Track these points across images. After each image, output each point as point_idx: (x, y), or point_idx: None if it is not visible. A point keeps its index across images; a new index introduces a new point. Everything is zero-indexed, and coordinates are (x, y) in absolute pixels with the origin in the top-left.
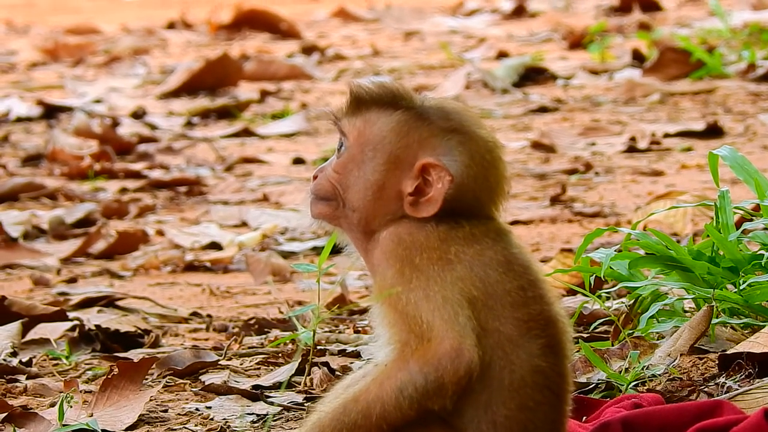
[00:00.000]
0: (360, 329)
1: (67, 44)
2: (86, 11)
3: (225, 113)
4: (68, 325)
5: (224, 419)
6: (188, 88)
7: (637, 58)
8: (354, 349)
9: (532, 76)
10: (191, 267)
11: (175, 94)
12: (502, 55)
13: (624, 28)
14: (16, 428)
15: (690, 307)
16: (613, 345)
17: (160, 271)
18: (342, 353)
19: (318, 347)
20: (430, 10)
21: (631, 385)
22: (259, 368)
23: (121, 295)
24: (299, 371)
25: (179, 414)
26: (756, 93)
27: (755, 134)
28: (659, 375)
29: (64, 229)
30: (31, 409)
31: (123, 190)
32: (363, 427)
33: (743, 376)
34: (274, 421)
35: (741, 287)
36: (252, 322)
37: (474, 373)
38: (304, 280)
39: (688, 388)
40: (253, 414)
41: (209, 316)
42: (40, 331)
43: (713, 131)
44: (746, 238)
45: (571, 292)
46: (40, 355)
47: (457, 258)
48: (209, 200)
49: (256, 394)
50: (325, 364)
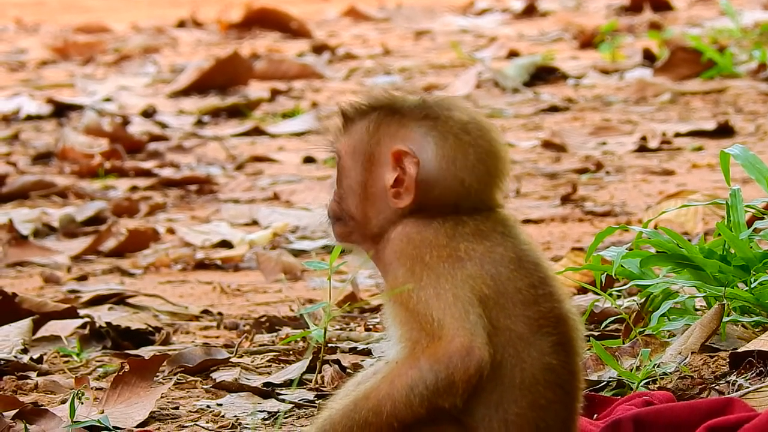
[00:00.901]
0: (371, 327)
1: (77, 43)
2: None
3: (235, 112)
4: (79, 322)
5: (235, 416)
6: (198, 87)
7: (648, 57)
8: (365, 346)
9: (543, 75)
10: (202, 265)
11: (186, 92)
12: (512, 54)
13: (635, 27)
14: (27, 425)
15: (701, 306)
16: (624, 343)
17: (170, 269)
18: (353, 351)
19: (329, 345)
20: (440, 10)
21: (642, 383)
22: (270, 366)
23: (131, 292)
24: (310, 369)
25: (190, 411)
26: (767, 93)
27: (766, 133)
28: (670, 373)
29: (75, 227)
30: (42, 405)
31: (133, 189)
32: (374, 424)
33: (754, 374)
34: (285, 418)
35: (752, 285)
36: (263, 319)
37: (484, 372)
38: (315, 278)
39: (699, 386)
40: (264, 411)
41: (220, 313)
42: (51, 328)
43: (724, 131)
44: (758, 236)
45: (582, 291)
46: (51, 352)
47: (467, 255)
48: (220, 199)
49: (267, 391)
50: (336, 361)
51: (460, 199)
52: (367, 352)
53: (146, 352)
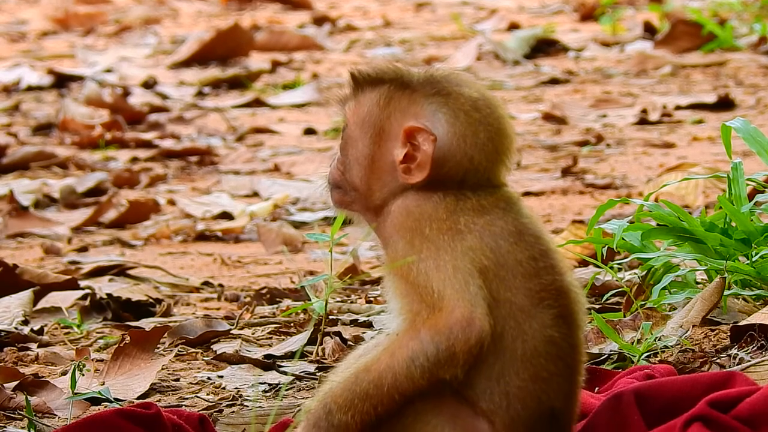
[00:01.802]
0: (372, 299)
1: (77, 14)
2: None
3: (236, 83)
4: (80, 293)
5: (236, 388)
6: (199, 58)
7: (649, 30)
8: (366, 319)
9: (544, 48)
10: (202, 236)
11: (186, 64)
12: (513, 26)
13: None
14: (27, 396)
15: (702, 279)
16: (625, 316)
17: (171, 240)
18: (354, 323)
19: (330, 317)
20: None
21: (643, 357)
22: (270, 338)
23: (132, 264)
24: (311, 341)
25: (191, 383)
26: (767, 66)
27: (767, 107)
28: (671, 346)
29: (75, 198)
30: (42, 377)
31: (134, 160)
32: (375, 396)
33: (755, 348)
34: (286, 390)
35: (753, 259)
36: (264, 291)
37: (485, 342)
38: (315, 250)
39: (700, 360)
40: (264, 383)
41: (221, 285)
42: (52, 299)
43: (724, 104)
44: (759, 210)
45: (583, 263)
46: (52, 324)
47: (467, 228)
48: (220, 170)
49: (268, 363)
50: (337, 333)
51: (468, 176)
52: (368, 324)
53: (147, 323)
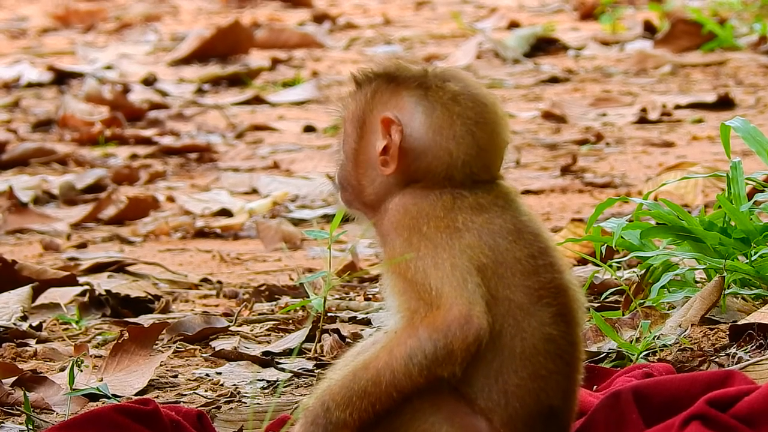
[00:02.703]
0: (370, 296)
1: (78, 10)
2: None
3: (236, 81)
4: (78, 289)
5: (234, 385)
6: (199, 56)
7: (649, 29)
8: (364, 316)
9: (544, 46)
10: (201, 233)
11: (186, 61)
12: (513, 25)
13: None
14: (26, 392)
15: (701, 278)
16: (624, 314)
17: (170, 237)
18: (352, 320)
19: (328, 314)
20: None
21: (641, 355)
22: (269, 335)
23: (131, 260)
24: (310, 338)
25: (189, 379)
26: (767, 65)
27: (766, 106)
28: (670, 345)
29: (75, 195)
30: (41, 373)
31: (133, 156)
32: (373, 394)
33: (754, 347)
34: (285, 387)
35: (752, 258)
36: (262, 288)
37: (483, 340)
38: (314, 247)
39: (699, 358)
40: (263, 380)
41: (219, 282)
42: (51, 295)
43: (724, 103)
44: (758, 209)
45: (582, 262)
46: (50, 320)
47: (465, 226)
48: (220, 167)
49: (266, 360)
50: (336, 331)
51: (451, 170)
52: (367, 322)
53: (145, 320)
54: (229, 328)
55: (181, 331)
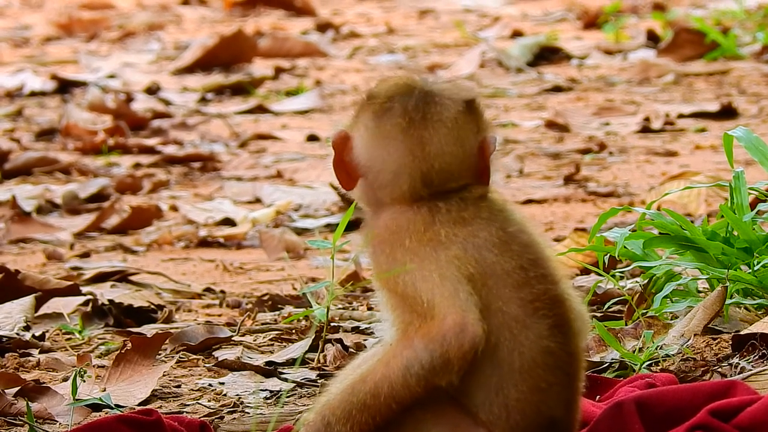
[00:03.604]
0: (373, 306)
1: (81, 19)
2: None
3: (239, 89)
4: (81, 299)
5: (237, 395)
6: (202, 64)
7: (652, 38)
8: (367, 326)
9: (547, 55)
10: (205, 243)
11: (190, 70)
12: (516, 34)
13: (639, 8)
14: (29, 402)
15: (704, 288)
16: (626, 324)
17: (173, 246)
18: (355, 330)
19: (331, 324)
20: None
21: (644, 365)
22: (272, 344)
23: (134, 270)
24: (313, 348)
25: (192, 389)
26: None
27: None
28: (673, 355)
29: (78, 204)
30: (43, 383)
31: (137, 166)
32: (372, 407)
33: (757, 357)
34: (288, 397)
35: (755, 268)
36: (265, 298)
37: (479, 347)
38: (317, 256)
39: (702, 368)
40: (266, 390)
41: (222, 292)
42: (53, 305)
43: (727, 112)
44: (761, 219)
45: (585, 272)
46: (53, 330)
47: (448, 240)
48: (223, 176)
49: (269, 370)
50: (339, 340)
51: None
52: (370, 332)
53: (148, 330)
54: (232, 338)
55: (184, 341)
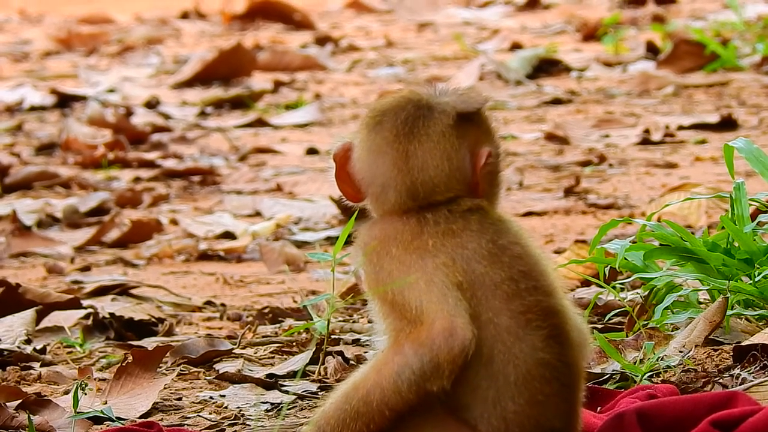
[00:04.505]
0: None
1: (80, 34)
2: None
3: (238, 103)
4: (82, 313)
5: (238, 408)
6: (202, 78)
7: (651, 50)
8: (368, 338)
9: (546, 67)
10: (205, 256)
11: (189, 84)
12: (515, 46)
13: (638, 20)
14: (30, 415)
15: (705, 299)
16: (627, 336)
17: (173, 260)
18: (356, 342)
19: (332, 336)
20: (443, 2)
21: (645, 376)
22: (273, 357)
23: (134, 283)
24: (313, 360)
25: (193, 402)
26: None
27: None
28: (674, 366)
29: (78, 218)
30: (45, 396)
31: (136, 180)
32: (365, 414)
33: (758, 368)
34: (289, 409)
35: (756, 279)
36: (266, 311)
37: (469, 351)
38: (318, 269)
39: (703, 380)
40: (267, 402)
41: (223, 305)
42: (54, 318)
43: (727, 124)
44: (761, 230)
45: (585, 283)
46: (54, 343)
47: (435, 249)
48: (223, 190)
49: (270, 382)
50: (340, 353)
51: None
52: (370, 344)
53: (149, 343)
54: (233, 351)
55: (184, 353)
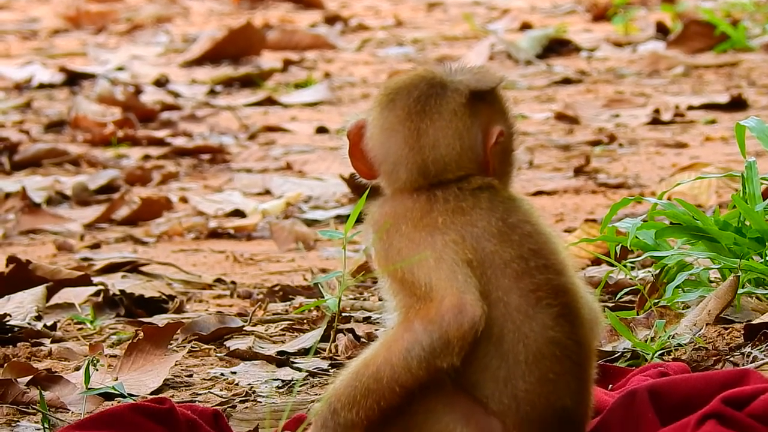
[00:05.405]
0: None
1: (89, 12)
2: None
3: (248, 82)
4: (92, 290)
5: (249, 384)
6: (211, 57)
7: (661, 30)
8: (379, 316)
9: (556, 47)
10: (215, 234)
11: (198, 62)
12: (525, 26)
13: (648, 0)
14: (41, 391)
15: (716, 277)
16: (638, 314)
17: (183, 237)
18: (367, 320)
19: (343, 314)
20: None
21: (656, 355)
22: (283, 334)
23: (145, 261)
24: (324, 338)
25: (204, 379)
26: None
27: None
28: (685, 344)
29: (88, 196)
30: (56, 372)
31: (146, 157)
32: (376, 391)
33: None
34: (300, 386)
35: (767, 258)
36: (276, 288)
37: (479, 328)
38: (328, 247)
39: (714, 358)
40: (278, 379)
41: (233, 282)
42: (65, 295)
43: (737, 104)
44: None
45: (596, 262)
46: (65, 320)
47: (445, 226)
48: (232, 168)
49: (281, 359)
50: (350, 330)
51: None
52: (381, 322)
53: (160, 320)
54: (244, 328)
55: (195, 330)
